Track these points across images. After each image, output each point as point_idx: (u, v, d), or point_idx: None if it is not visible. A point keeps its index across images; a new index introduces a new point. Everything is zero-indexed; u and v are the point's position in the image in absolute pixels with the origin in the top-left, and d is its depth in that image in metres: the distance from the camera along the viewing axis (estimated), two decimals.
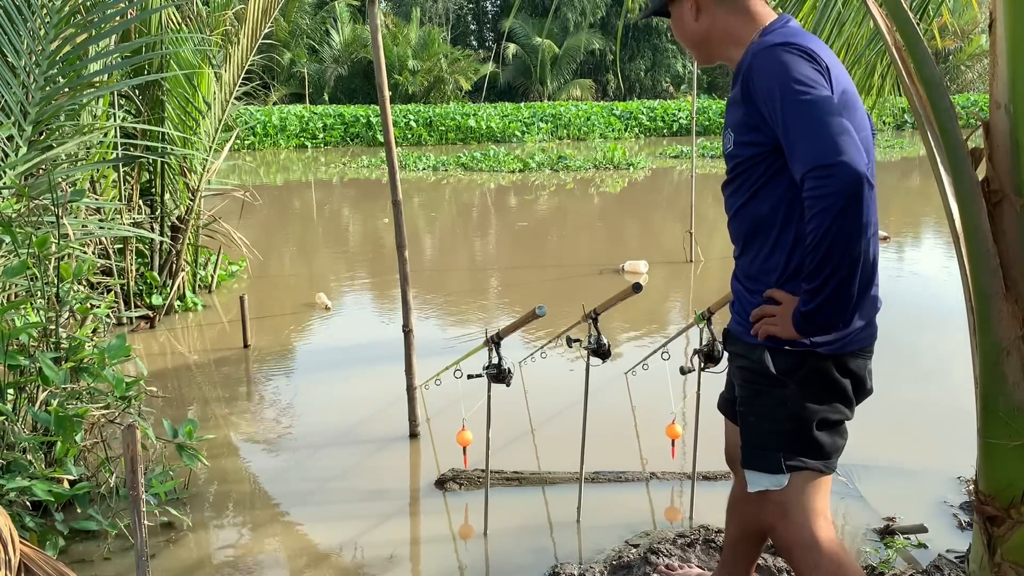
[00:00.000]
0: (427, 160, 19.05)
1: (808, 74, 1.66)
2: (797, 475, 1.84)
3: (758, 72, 1.72)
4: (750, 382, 1.90)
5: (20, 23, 4.08)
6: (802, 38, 1.77)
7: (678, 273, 7.88)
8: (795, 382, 1.81)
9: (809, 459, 1.84)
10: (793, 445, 1.83)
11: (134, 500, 1.91)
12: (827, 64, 1.73)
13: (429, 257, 9.40)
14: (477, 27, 40.12)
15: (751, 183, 1.82)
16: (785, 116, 1.65)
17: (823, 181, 1.57)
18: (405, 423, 4.04)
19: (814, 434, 1.83)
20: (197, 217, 6.71)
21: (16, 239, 3.16)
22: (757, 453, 1.89)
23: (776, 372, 1.81)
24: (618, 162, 18.32)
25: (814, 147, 1.59)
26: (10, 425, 2.94)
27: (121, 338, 3.11)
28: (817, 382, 1.81)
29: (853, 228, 1.58)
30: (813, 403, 1.82)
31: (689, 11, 1.92)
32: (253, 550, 3.04)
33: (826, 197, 1.57)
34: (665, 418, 3.57)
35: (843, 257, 1.59)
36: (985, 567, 2.19)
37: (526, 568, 2.85)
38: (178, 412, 4.47)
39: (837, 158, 1.56)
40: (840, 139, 1.58)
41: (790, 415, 1.82)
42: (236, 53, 6.48)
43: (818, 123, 1.60)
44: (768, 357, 1.82)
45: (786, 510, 1.86)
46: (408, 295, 4.04)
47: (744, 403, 1.93)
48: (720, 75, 37.30)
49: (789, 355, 1.80)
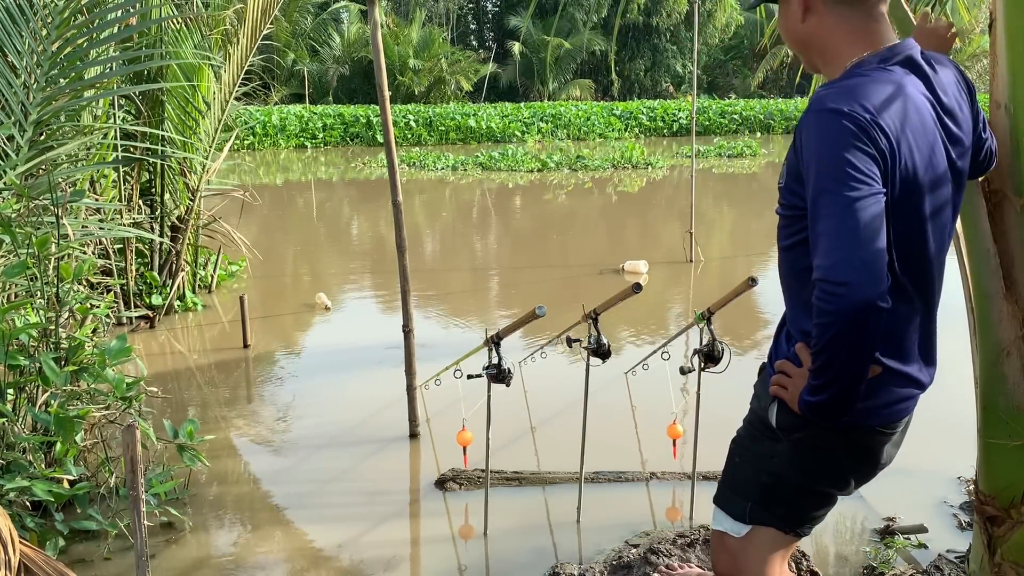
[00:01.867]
0: (446, 160, 19.04)
1: (854, 163, 1.44)
2: (761, 529, 1.77)
3: (806, 140, 1.52)
4: (750, 423, 1.83)
5: (22, 23, 4.07)
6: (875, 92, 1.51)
7: (678, 273, 7.88)
8: (791, 441, 1.70)
9: (777, 519, 1.76)
10: (765, 500, 1.76)
11: (134, 500, 1.90)
12: (894, 139, 1.49)
13: (430, 257, 9.41)
14: (477, 27, 40.10)
15: (794, 232, 1.65)
16: (816, 201, 1.47)
17: (828, 297, 1.43)
18: (405, 423, 4.04)
19: (791, 498, 1.75)
20: (197, 217, 6.71)
21: (16, 239, 3.16)
22: (727, 494, 1.83)
23: (776, 425, 1.71)
24: (636, 161, 18.28)
25: (829, 255, 1.43)
26: (10, 425, 2.94)
27: (122, 338, 3.11)
28: (812, 451, 1.70)
29: (854, 348, 1.45)
30: (800, 469, 1.72)
31: (797, 7, 1.65)
32: (253, 550, 3.04)
33: (827, 314, 1.44)
34: (665, 418, 3.57)
35: (844, 368, 1.48)
36: (985, 567, 2.19)
37: (526, 568, 2.85)
38: (178, 412, 4.47)
39: (847, 278, 1.41)
40: (860, 255, 1.41)
41: (772, 471, 1.74)
42: (236, 53, 6.48)
43: (843, 228, 1.42)
44: (774, 408, 1.71)
45: (737, 560, 1.80)
46: (408, 295, 4.04)
47: (736, 441, 1.86)
48: (720, 75, 37.28)
49: (794, 413, 1.66)
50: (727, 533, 1.81)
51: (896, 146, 1.49)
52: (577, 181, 16.03)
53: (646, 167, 17.95)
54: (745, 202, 13.81)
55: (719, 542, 1.85)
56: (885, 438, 1.70)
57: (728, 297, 3.01)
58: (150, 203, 6.57)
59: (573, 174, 17.14)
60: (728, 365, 2.96)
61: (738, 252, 9.32)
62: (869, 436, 1.69)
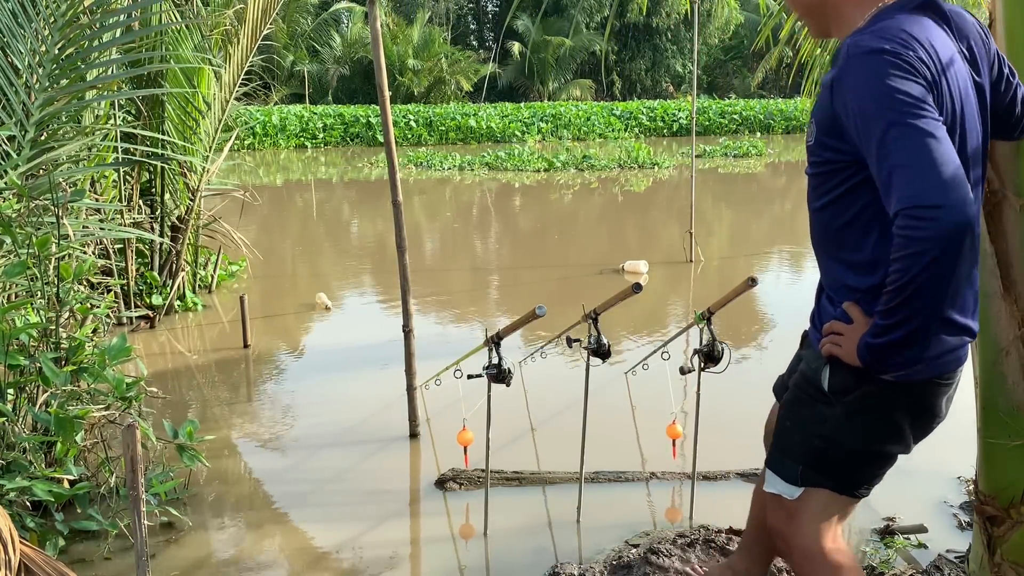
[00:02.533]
0: (452, 160, 19.04)
1: (911, 92, 1.43)
2: (815, 491, 1.76)
3: (850, 86, 1.50)
4: (800, 388, 1.79)
5: (24, 23, 4.08)
6: (909, 31, 1.51)
7: (678, 273, 7.88)
8: (843, 404, 1.67)
9: (831, 481, 1.74)
10: (817, 463, 1.74)
11: (134, 500, 1.91)
12: (940, 66, 1.50)
13: (432, 256, 9.41)
14: (477, 27, 40.10)
15: (828, 189, 1.65)
16: (881, 141, 1.44)
17: (920, 223, 1.37)
18: (405, 423, 4.04)
19: (846, 461, 1.72)
20: (197, 217, 6.71)
21: (17, 239, 3.16)
22: (778, 458, 1.82)
23: (828, 388, 1.68)
24: (643, 161, 18.27)
25: (914, 182, 1.39)
26: (10, 425, 2.94)
27: (122, 338, 3.11)
28: (868, 412, 1.67)
29: (943, 281, 1.39)
30: (855, 432, 1.69)
31: None
32: (253, 550, 3.04)
33: (920, 241, 1.37)
34: (665, 418, 3.57)
35: (925, 307, 1.42)
36: (985, 567, 2.19)
37: (526, 568, 2.85)
38: (178, 412, 4.47)
39: (942, 200, 1.36)
40: (947, 176, 1.37)
41: (824, 434, 1.71)
42: (236, 53, 6.48)
43: (922, 154, 1.39)
44: (826, 371, 1.68)
45: (793, 522, 1.79)
46: (408, 295, 4.04)
47: (787, 405, 1.84)
48: (720, 75, 37.28)
49: (847, 374, 1.64)
50: (781, 496, 1.80)
51: (938, 80, 1.49)
52: (583, 181, 16.02)
53: (652, 167, 17.93)
54: (746, 202, 13.81)
55: (775, 505, 1.82)
56: (943, 390, 1.67)
57: (728, 297, 3.01)
58: (150, 203, 6.57)
59: (579, 174, 17.12)
60: (728, 365, 2.96)
61: (738, 252, 9.33)
62: (927, 389, 1.65)
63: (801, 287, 7.52)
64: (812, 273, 8.04)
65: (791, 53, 4.37)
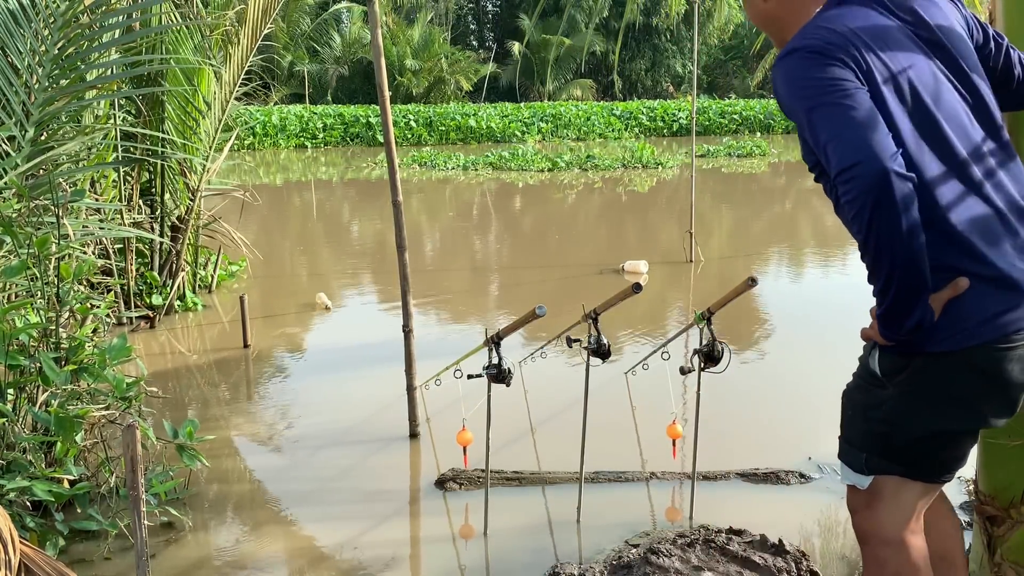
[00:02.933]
0: (457, 160, 19.05)
1: (823, 76, 1.55)
2: (887, 479, 1.71)
3: (779, 84, 1.64)
4: (858, 375, 1.79)
5: (24, 23, 4.08)
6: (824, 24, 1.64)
7: (678, 273, 7.88)
8: (895, 385, 1.66)
9: (899, 466, 1.69)
10: (881, 449, 1.70)
11: (134, 500, 1.91)
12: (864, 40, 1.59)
13: (432, 256, 9.41)
14: (477, 27, 40.10)
15: (829, 191, 1.69)
16: (809, 127, 1.56)
17: (848, 185, 1.47)
18: (405, 423, 4.04)
19: (910, 444, 1.67)
20: (197, 217, 6.71)
21: (17, 239, 3.16)
22: (845, 447, 1.79)
23: (879, 372, 1.67)
24: (647, 161, 18.26)
25: (836, 151, 1.49)
26: (10, 425, 2.94)
27: (122, 338, 3.11)
28: (923, 389, 1.63)
29: (895, 231, 1.45)
30: (916, 410, 1.64)
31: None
32: (253, 550, 3.04)
33: (854, 202, 1.47)
34: (665, 418, 3.57)
35: (893, 256, 1.47)
36: (985, 567, 2.19)
37: (526, 568, 2.85)
38: (178, 412, 4.47)
39: (858, 157, 1.46)
40: (860, 135, 1.47)
41: (883, 418, 1.68)
42: (236, 53, 6.48)
43: (837, 125, 1.50)
44: (875, 354, 1.68)
45: (870, 504, 1.75)
46: (408, 295, 4.04)
47: (846, 393, 1.82)
48: (720, 75, 37.27)
49: (894, 356, 1.64)
50: (855, 486, 1.77)
51: (862, 54, 1.58)
52: (587, 181, 16.02)
53: (656, 167, 17.92)
54: (747, 202, 13.81)
55: (852, 497, 1.79)
56: (1006, 354, 1.57)
57: (728, 297, 3.01)
58: (150, 203, 6.57)
59: (583, 174, 17.12)
60: (728, 365, 2.96)
61: (738, 252, 9.33)
62: (986, 355, 1.58)
63: (801, 287, 7.52)
64: (812, 273, 8.04)
65: None
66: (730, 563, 2.74)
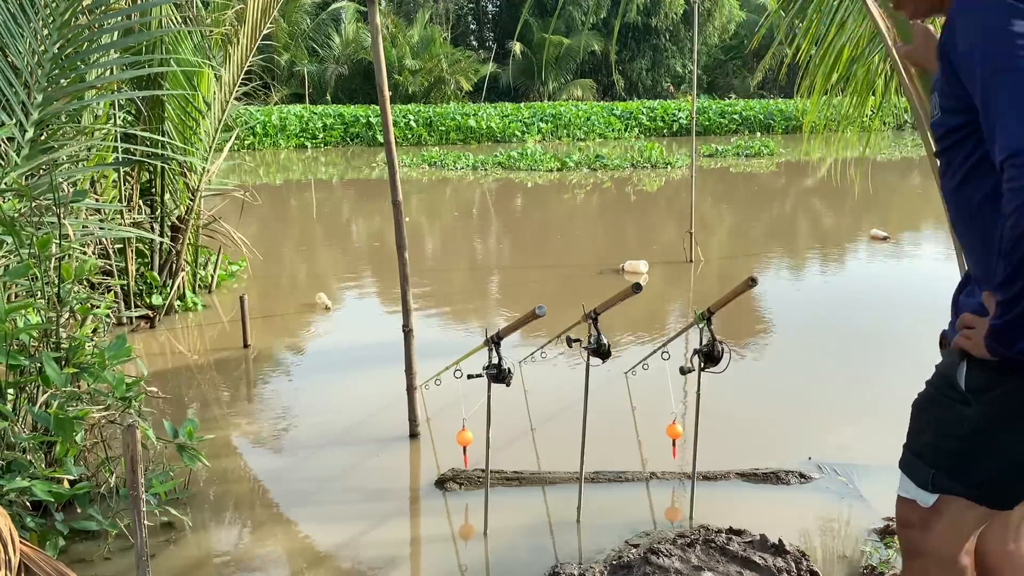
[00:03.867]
0: (467, 159, 19.07)
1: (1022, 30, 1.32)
2: (952, 500, 1.57)
3: (959, 27, 1.42)
4: (936, 386, 1.63)
5: (24, 23, 4.08)
6: None
7: (678, 273, 7.88)
8: (984, 404, 1.49)
9: (968, 489, 1.54)
10: (951, 468, 1.55)
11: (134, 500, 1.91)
12: None
13: (433, 256, 9.40)
14: (477, 27, 40.10)
15: (959, 163, 1.51)
16: (985, 87, 1.35)
17: (1018, 171, 1.28)
18: (405, 423, 4.04)
19: (985, 468, 1.51)
20: (197, 217, 6.71)
21: (19, 240, 3.16)
22: (910, 459, 1.65)
23: (965, 387, 1.51)
24: (655, 161, 18.28)
25: (1016, 128, 1.29)
26: (11, 425, 2.94)
27: (122, 339, 3.11)
28: (1010, 413, 1.47)
29: None
30: (1003, 435, 1.49)
31: None
32: (253, 550, 3.04)
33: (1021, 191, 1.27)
34: (665, 418, 3.57)
35: None
36: None
37: (526, 568, 2.85)
38: (178, 412, 4.47)
39: None
40: None
41: (960, 436, 1.53)
42: (236, 53, 6.48)
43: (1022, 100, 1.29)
44: (963, 368, 1.51)
45: (928, 523, 1.62)
46: (408, 295, 4.04)
47: (918, 404, 1.67)
48: (720, 75, 37.27)
49: (987, 370, 1.47)
50: (915, 501, 1.63)
51: None
52: (596, 181, 16.02)
53: (665, 167, 17.92)
54: (747, 202, 13.81)
55: (906, 511, 1.66)
56: None
57: (728, 297, 3.01)
58: (150, 203, 6.57)
59: (592, 174, 17.12)
60: (728, 365, 2.96)
61: (738, 252, 9.33)
62: None
63: (801, 287, 7.52)
64: (812, 273, 8.04)
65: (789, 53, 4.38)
66: (730, 563, 2.74)
